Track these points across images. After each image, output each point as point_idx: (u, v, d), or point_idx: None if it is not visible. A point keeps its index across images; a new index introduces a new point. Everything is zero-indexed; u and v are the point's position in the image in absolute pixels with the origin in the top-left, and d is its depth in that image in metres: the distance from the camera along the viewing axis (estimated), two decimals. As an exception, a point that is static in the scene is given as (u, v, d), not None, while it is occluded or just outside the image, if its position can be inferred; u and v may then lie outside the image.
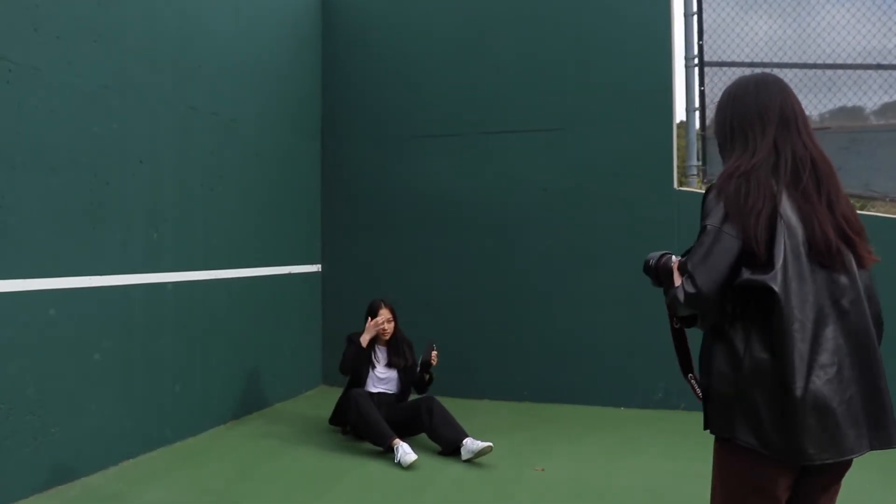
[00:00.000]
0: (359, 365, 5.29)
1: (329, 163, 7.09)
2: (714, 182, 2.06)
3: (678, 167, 6.16)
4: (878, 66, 5.93)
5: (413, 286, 6.69)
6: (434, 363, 5.20)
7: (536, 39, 6.45)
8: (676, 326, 2.35)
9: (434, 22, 6.78)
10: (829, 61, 6.00)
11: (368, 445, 5.04)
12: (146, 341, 4.94)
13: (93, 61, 4.54)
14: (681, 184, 6.26)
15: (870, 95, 5.99)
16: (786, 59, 6.09)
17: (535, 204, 6.45)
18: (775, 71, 5.98)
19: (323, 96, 7.12)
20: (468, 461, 4.81)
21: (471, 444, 4.83)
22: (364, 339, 5.27)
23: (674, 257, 2.28)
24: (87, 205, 4.50)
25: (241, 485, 4.41)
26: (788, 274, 1.87)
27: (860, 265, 1.99)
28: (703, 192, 5.33)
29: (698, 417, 5.74)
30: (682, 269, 2.05)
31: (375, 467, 4.72)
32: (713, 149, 6.30)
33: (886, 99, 6.01)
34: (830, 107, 6.05)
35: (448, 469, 4.72)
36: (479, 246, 6.61)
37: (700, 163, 6.28)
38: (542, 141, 6.42)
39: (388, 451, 4.84)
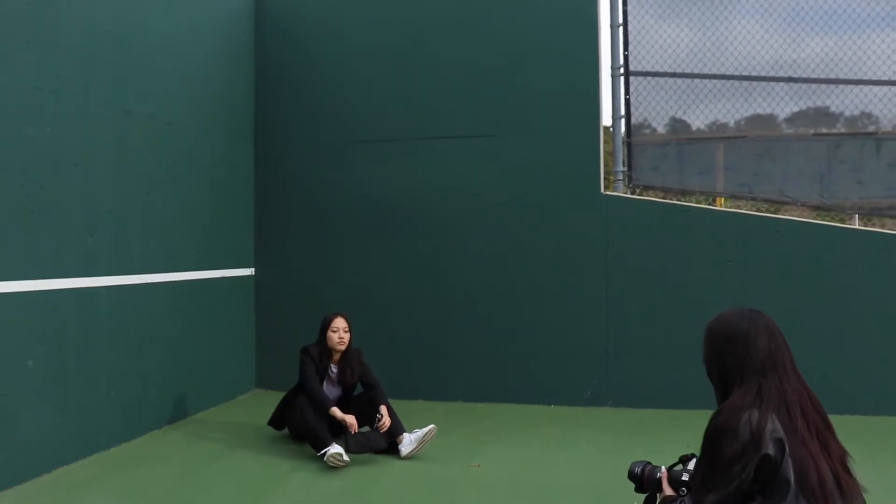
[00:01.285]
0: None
1: (263, 167, 7.09)
2: (717, 417, 2.25)
3: (605, 173, 6.41)
4: (789, 79, 6.30)
5: (347, 290, 6.75)
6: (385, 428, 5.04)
7: (470, 48, 6.61)
8: None
9: (369, 29, 6.86)
10: (744, 72, 6.34)
11: (307, 448, 5.07)
12: (80, 347, 4.88)
13: (25, 62, 4.47)
14: (607, 188, 6.50)
15: (782, 106, 6.36)
16: (705, 70, 6.41)
17: (469, 209, 6.60)
18: (695, 81, 6.30)
19: (257, 101, 7.11)
20: (408, 457, 4.91)
21: (410, 436, 4.93)
22: (337, 416, 4.97)
23: (662, 468, 2.56)
24: (19, 209, 4.42)
25: (181, 490, 4.41)
26: None
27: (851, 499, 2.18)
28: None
29: (626, 413, 5.95)
30: (671, 483, 2.45)
31: (316, 469, 4.77)
32: (638, 155, 6.57)
33: (796, 109, 6.38)
34: (746, 115, 6.40)
35: (388, 467, 4.82)
36: (413, 250, 6.73)
37: (626, 168, 6.54)
38: (475, 147, 6.58)
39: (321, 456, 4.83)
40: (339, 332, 5.21)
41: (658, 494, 2.61)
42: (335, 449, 4.76)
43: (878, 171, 6.23)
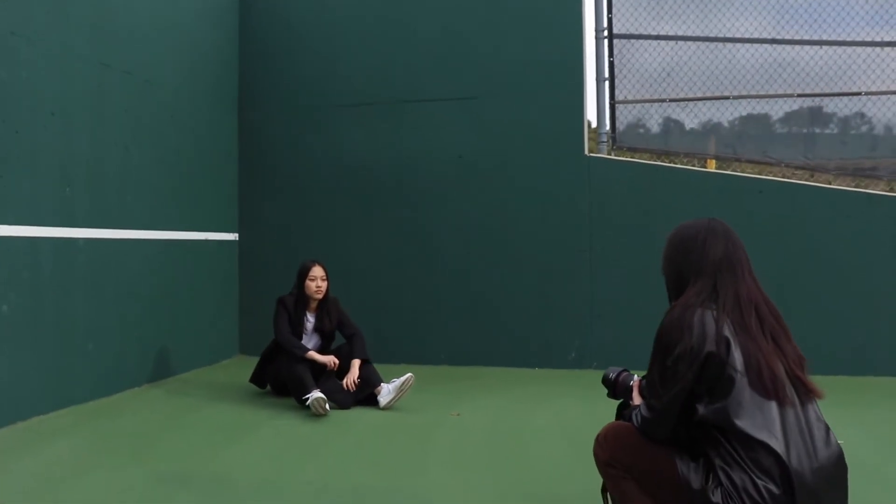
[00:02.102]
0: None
1: (246, 132, 7.07)
2: (667, 316, 2.24)
3: (588, 135, 6.39)
4: (773, 41, 6.28)
5: (330, 255, 6.65)
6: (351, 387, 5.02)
7: (451, 10, 6.60)
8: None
9: (352, -7, 6.85)
10: (728, 34, 6.33)
11: (289, 401, 5.04)
12: (57, 297, 4.84)
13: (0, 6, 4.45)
14: (591, 150, 6.48)
15: (766, 67, 6.34)
16: (689, 33, 6.39)
17: (451, 172, 6.58)
18: (679, 44, 6.29)
19: (241, 65, 7.10)
20: (387, 407, 4.88)
21: (388, 386, 4.91)
22: (316, 358, 4.98)
23: (635, 377, 2.57)
24: (-7, 152, 4.40)
25: (158, 434, 4.38)
26: (743, 405, 2.04)
27: (808, 400, 2.12)
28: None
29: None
30: (642, 392, 2.39)
31: (293, 418, 4.74)
32: (622, 116, 6.56)
33: (781, 71, 6.36)
34: (731, 77, 6.37)
35: (365, 416, 4.79)
36: (395, 214, 6.70)
37: (609, 130, 6.52)
38: (457, 110, 6.56)
39: (304, 405, 4.80)
40: (317, 281, 5.18)
41: (629, 402, 2.59)
42: (319, 394, 4.72)
43: (862, 132, 6.22)
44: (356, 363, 5.05)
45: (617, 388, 2.64)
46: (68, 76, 4.97)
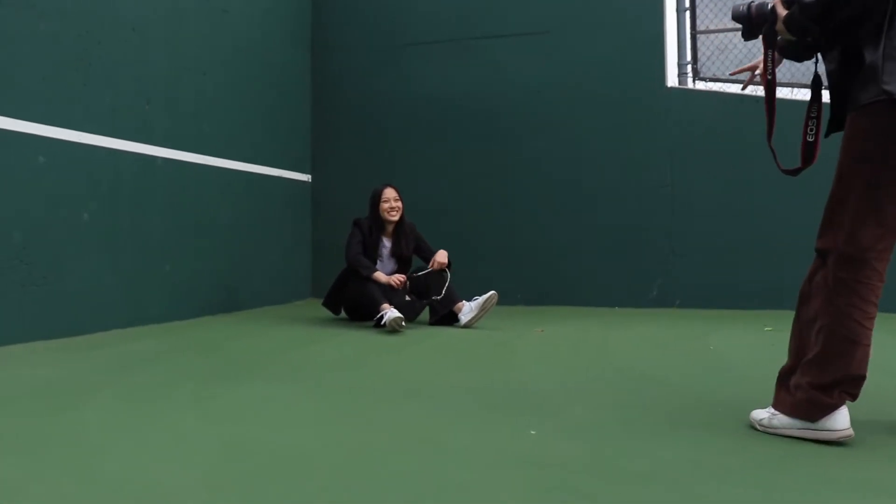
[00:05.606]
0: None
1: (319, 72, 7.02)
2: None
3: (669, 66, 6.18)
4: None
5: (404, 196, 6.60)
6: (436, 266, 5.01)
7: (526, -59, 6.45)
8: (769, 77, 2.31)
9: (424, -68, 6.77)
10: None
11: (365, 324, 4.93)
12: (135, 212, 4.82)
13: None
14: (672, 82, 6.25)
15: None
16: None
17: (527, 109, 6.41)
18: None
19: (314, 3, 7.07)
20: (469, 326, 4.74)
21: (470, 304, 4.77)
22: (381, 279, 4.88)
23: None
24: (77, 59, 4.40)
25: (236, 341, 4.32)
26: None
27: None
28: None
29: (694, 312, 5.63)
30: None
31: (368, 330, 4.65)
32: (705, 47, 6.31)
33: None
34: None
35: (446, 330, 4.66)
36: (470, 152, 6.56)
37: (691, 61, 6.28)
38: (532, 44, 6.40)
39: (380, 326, 4.67)
40: (390, 202, 5.08)
41: (774, 30, 2.20)
42: (395, 313, 4.58)
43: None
44: (442, 252, 5.00)
45: (754, 21, 2.24)
46: (145, -4, 4.98)
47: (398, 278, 4.91)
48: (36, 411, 2.51)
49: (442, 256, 5.01)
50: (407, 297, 5.02)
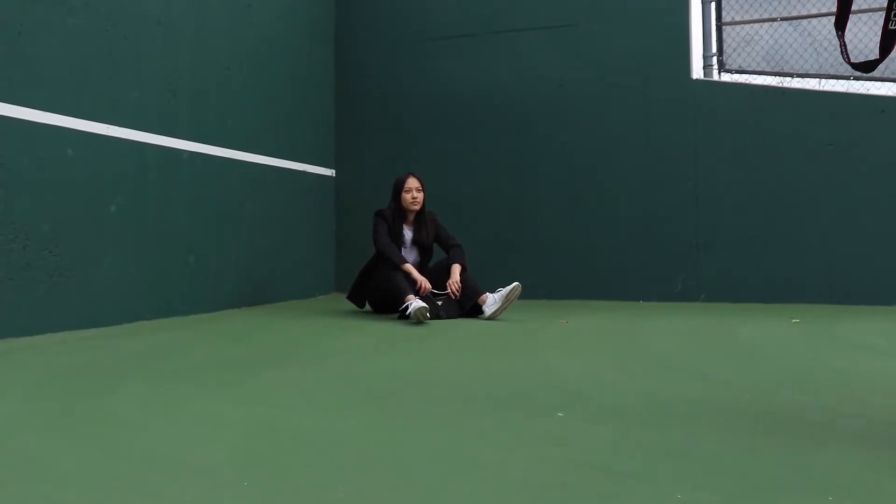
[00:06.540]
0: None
1: (343, 67, 7.04)
2: None
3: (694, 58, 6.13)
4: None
5: (428, 191, 6.60)
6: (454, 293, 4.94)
7: (550, -66, 6.43)
8: None
9: (446, -73, 6.76)
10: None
11: (391, 317, 4.93)
12: (160, 205, 4.86)
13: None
14: (697, 73, 6.20)
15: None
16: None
17: (551, 102, 6.40)
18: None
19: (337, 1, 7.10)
20: (492, 318, 4.73)
21: (494, 296, 4.75)
22: (409, 271, 4.89)
23: None
24: (103, 53, 4.44)
25: (262, 331, 4.35)
26: None
27: None
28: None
29: (719, 307, 5.60)
30: None
31: (398, 323, 4.65)
32: (731, 39, 6.26)
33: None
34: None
35: (470, 322, 4.66)
36: (494, 146, 6.55)
37: (717, 53, 6.22)
38: (555, 37, 6.38)
39: (405, 317, 4.66)
40: (413, 192, 5.09)
41: None
42: (420, 302, 4.58)
43: None
44: (456, 268, 4.92)
45: None
46: (172, -11, 5.01)
47: (426, 285, 4.89)
48: (68, 394, 2.54)
49: (455, 275, 4.94)
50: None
